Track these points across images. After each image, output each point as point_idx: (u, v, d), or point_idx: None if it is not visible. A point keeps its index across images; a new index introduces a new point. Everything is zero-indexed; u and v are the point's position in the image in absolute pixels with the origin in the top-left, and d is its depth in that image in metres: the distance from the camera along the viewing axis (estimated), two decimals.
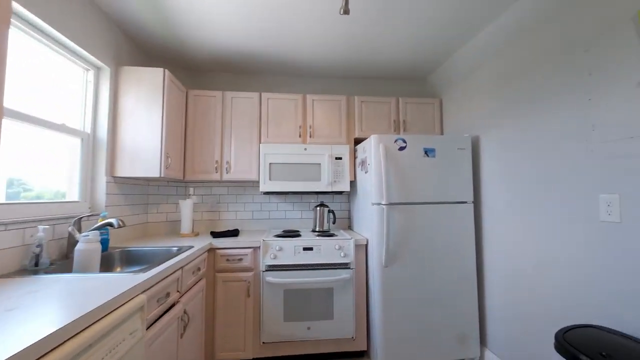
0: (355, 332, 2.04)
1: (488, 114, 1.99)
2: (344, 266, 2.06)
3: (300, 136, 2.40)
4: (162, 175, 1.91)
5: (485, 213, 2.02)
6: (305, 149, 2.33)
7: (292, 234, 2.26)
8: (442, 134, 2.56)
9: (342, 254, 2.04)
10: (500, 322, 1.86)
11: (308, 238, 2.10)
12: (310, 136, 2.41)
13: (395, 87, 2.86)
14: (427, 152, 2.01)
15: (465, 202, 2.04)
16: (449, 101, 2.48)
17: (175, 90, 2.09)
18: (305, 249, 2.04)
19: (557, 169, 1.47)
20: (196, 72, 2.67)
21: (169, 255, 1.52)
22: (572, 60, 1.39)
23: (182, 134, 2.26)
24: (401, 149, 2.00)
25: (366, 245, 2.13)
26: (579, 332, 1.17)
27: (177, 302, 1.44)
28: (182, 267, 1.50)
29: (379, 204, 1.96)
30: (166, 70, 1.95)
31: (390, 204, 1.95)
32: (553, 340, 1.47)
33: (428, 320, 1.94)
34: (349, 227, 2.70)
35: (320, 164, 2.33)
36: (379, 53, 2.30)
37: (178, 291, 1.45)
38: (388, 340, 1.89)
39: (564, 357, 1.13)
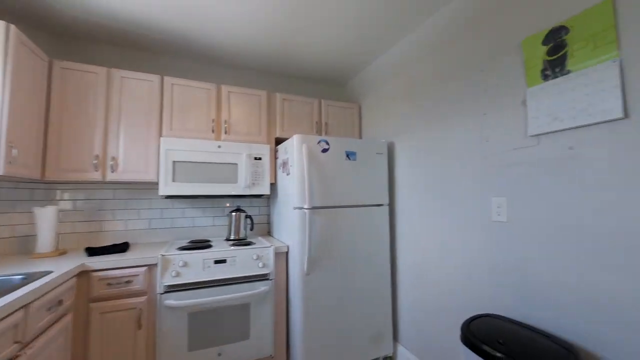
0: (274, 349, 1.87)
1: (401, 122, 2.12)
2: (263, 278, 1.86)
3: (213, 131, 2.10)
4: (1, 174, 1.34)
5: (398, 215, 2.14)
6: (220, 147, 2.04)
7: (201, 244, 1.93)
8: (360, 138, 2.64)
9: (260, 264, 1.84)
10: (411, 318, 1.98)
11: (221, 249, 1.83)
12: (225, 132, 2.12)
13: (317, 89, 2.83)
14: (349, 155, 2.01)
15: (381, 205, 2.11)
16: (367, 107, 2.58)
17: (29, 57, 1.52)
18: (217, 261, 1.76)
19: (458, 175, 1.64)
20: (69, 40, 2.05)
21: (7, 289, 1.05)
22: (472, 78, 1.57)
23: (42, 117, 1.67)
24: (324, 150, 1.94)
25: (287, 253, 1.98)
26: (479, 322, 1.30)
27: (16, 357, 0.99)
28: (26, 305, 1.05)
29: (301, 208, 1.84)
30: (12, 26, 1.39)
31: (313, 208, 1.86)
32: (458, 331, 1.62)
33: (348, 325, 1.91)
34: (269, 234, 2.51)
35: (237, 164, 2.08)
36: (302, 52, 2.21)
37: (18, 341, 1.00)
38: (309, 350, 1.79)
39: (468, 347, 1.22)
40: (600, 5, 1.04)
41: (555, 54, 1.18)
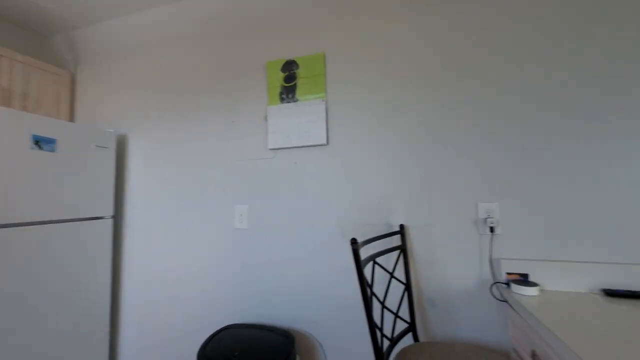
0: None
1: (141, 113, 1.68)
2: None
3: None
4: None
5: (129, 230, 1.65)
6: None
7: None
8: (72, 121, 1.83)
9: None
10: (136, 356, 1.57)
11: None
12: None
13: None
14: (41, 142, 1.28)
15: (102, 218, 1.54)
16: (88, 80, 1.84)
17: None
18: None
19: (207, 182, 1.51)
20: None
21: None
22: (227, 83, 1.51)
23: None
24: None
25: None
26: (218, 338, 1.21)
27: None
28: None
29: None
30: None
31: None
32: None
33: None
34: None
35: None
36: None
37: None
38: None
39: None
40: (318, 55, 1.34)
41: (290, 82, 1.38)
